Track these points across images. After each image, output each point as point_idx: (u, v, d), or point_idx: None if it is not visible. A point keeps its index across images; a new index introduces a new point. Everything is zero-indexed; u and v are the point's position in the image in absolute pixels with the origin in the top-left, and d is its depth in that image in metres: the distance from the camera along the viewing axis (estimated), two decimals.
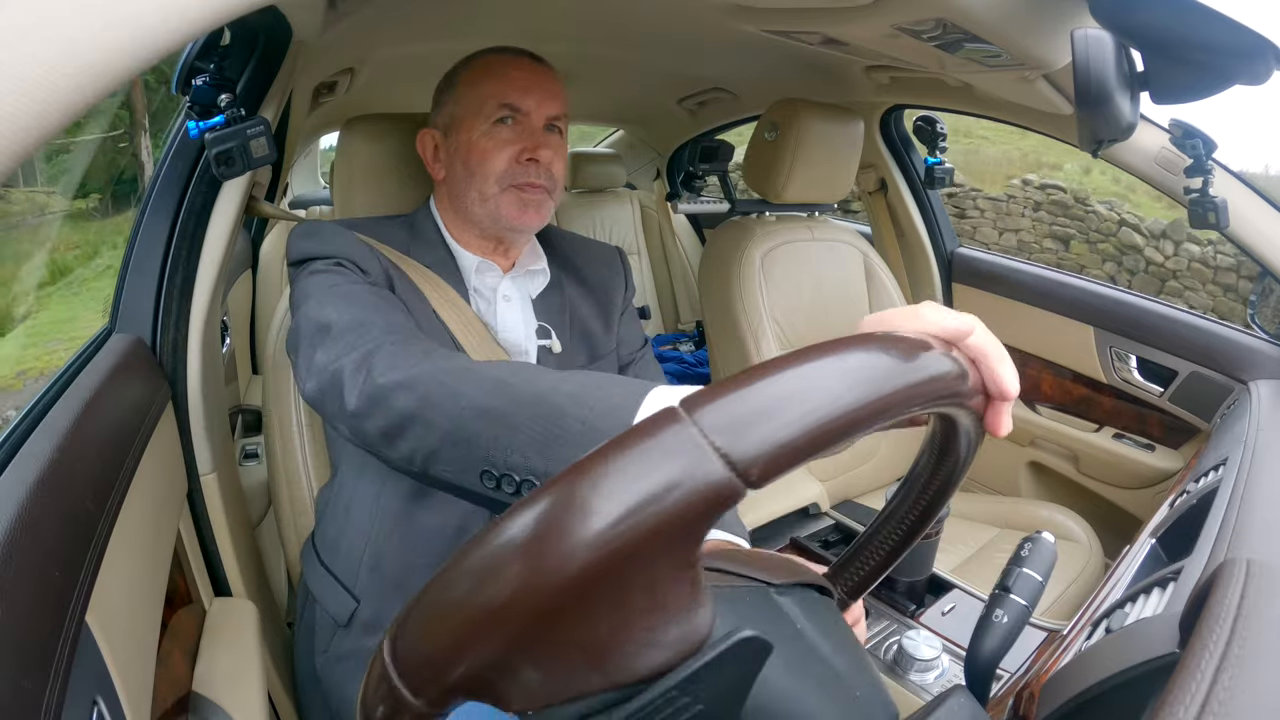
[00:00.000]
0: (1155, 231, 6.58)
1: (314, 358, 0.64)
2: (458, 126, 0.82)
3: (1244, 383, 1.25)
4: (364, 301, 0.69)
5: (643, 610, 0.26)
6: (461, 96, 0.82)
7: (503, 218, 0.82)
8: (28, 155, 0.26)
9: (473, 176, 0.81)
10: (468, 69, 0.84)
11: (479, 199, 0.82)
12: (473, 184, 0.81)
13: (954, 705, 0.36)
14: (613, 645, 0.26)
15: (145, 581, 0.63)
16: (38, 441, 0.53)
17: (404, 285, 0.79)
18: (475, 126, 0.80)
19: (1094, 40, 0.75)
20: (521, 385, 0.50)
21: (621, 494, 0.23)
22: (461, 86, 0.83)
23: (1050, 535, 0.48)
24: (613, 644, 0.26)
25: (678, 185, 2.42)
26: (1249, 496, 0.73)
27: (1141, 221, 6.63)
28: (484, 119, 0.80)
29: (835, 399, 0.26)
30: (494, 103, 0.80)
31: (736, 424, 0.24)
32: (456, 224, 0.87)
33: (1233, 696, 0.35)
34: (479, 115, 0.80)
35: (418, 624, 0.26)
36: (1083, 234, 6.88)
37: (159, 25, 0.29)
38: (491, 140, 0.80)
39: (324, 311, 0.67)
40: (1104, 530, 1.40)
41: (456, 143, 0.82)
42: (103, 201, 3.31)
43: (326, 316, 0.66)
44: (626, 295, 0.99)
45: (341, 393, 0.58)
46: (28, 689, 0.39)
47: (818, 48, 1.17)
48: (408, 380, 0.55)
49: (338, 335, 0.64)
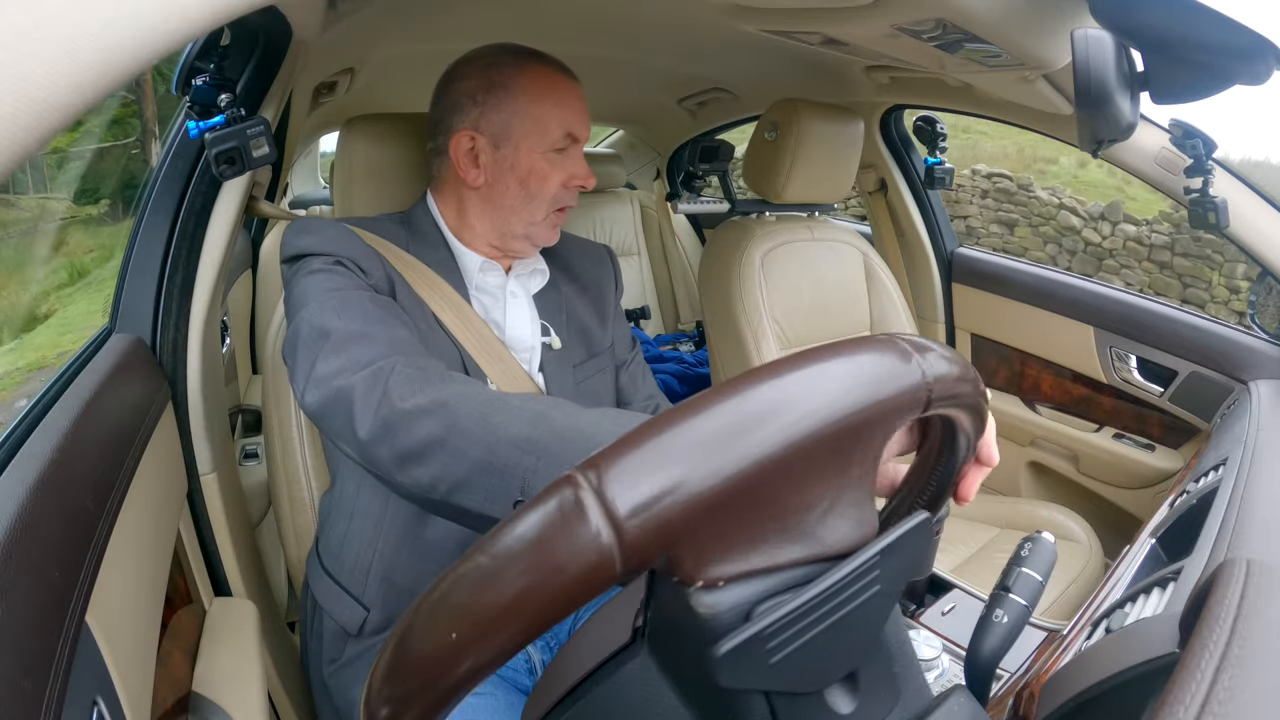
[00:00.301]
0: (1094, 214, 6.96)
1: (314, 367, 0.62)
2: (514, 141, 0.79)
3: (1244, 383, 1.25)
4: (366, 311, 0.68)
5: (849, 484, 0.30)
6: (521, 110, 0.79)
7: (538, 239, 0.84)
8: (28, 155, 0.26)
9: (531, 200, 0.81)
10: (522, 77, 0.79)
11: (526, 220, 0.82)
12: (527, 206, 0.81)
13: (954, 705, 0.36)
14: (826, 512, 0.30)
15: (145, 581, 0.63)
16: (38, 441, 0.53)
17: (404, 288, 0.78)
18: (535, 148, 0.80)
19: (1094, 40, 0.75)
20: (562, 419, 0.50)
21: (851, 390, 0.29)
22: (521, 99, 0.79)
23: (1050, 535, 0.48)
24: (827, 510, 0.30)
25: (678, 185, 2.42)
26: (1249, 496, 0.73)
27: (1081, 205, 7.02)
28: (547, 143, 0.80)
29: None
30: (560, 131, 0.80)
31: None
32: (467, 227, 0.84)
33: (1233, 696, 0.35)
34: (542, 137, 0.79)
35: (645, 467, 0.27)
36: (1026, 219, 7.31)
37: (159, 25, 0.29)
38: (550, 165, 0.80)
39: (324, 317, 0.66)
40: (1104, 530, 1.40)
41: (511, 158, 0.80)
42: (114, 207, 3.35)
43: (327, 323, 0.65)
44: (617, 294, 0.99)
45: (351, 413, 0.57)
46: (28, 689, 0.39)
47: (818, 48, 1.17)
48: (432, 406, 0.54)
49: (339, 345, 0.63)
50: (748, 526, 0.28)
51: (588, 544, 0.25)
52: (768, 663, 0.29)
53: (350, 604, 0.81)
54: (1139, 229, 6.70)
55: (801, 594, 0.29)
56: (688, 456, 0.27)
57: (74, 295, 3.00)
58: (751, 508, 0.28)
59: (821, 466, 0.29)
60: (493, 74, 0.80)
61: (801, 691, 0.31)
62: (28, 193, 3.24)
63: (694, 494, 0.26)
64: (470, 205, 0.83)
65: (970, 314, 1.76)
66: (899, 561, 0.32)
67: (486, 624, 0.26)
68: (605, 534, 0.25)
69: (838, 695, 0.32)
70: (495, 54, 0.82)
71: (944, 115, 1.64)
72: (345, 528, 0.83)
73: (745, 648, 0.28)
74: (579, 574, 0.25)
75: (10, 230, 3.08)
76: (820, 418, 0.28)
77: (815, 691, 0.31)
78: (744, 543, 0.29)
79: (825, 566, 0.30)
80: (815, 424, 0.28)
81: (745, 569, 0.29)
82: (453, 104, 0.81)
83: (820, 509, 0.30)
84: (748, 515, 0.28)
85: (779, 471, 0.27)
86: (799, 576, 0.30)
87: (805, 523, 0.30)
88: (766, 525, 0.29)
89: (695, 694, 0.32)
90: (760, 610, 0.29)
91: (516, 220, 0.82)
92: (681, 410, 0.28)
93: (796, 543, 0.30)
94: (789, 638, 0.29)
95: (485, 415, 0.52)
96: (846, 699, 0.32)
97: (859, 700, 0.33)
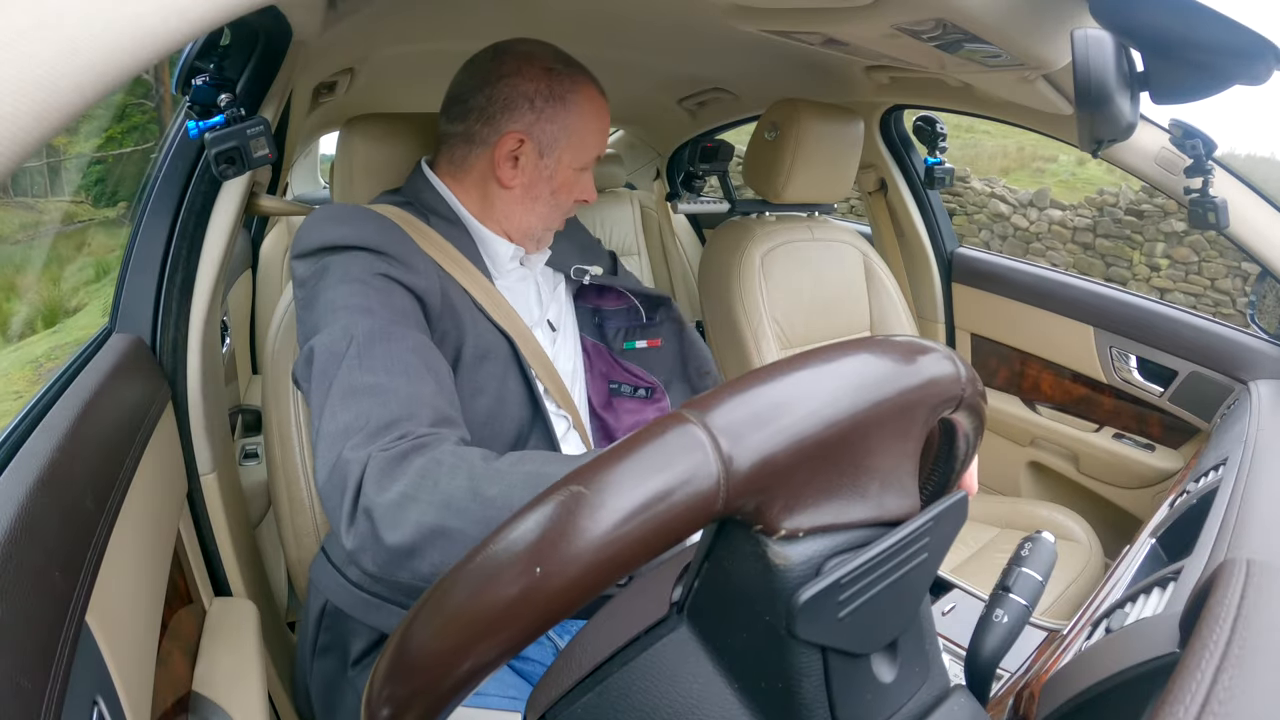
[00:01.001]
0: (1023, 201, 7.60)
1: (323, 417, 0.58)
2: (558, 154, 0.81)
3: (1244, 383, 1.25)
4: (390, 356, 0.62)
5: (906, 456, 0.34)
6: (570, 126, 0.80)
7: (545, 242, 0.87)
8: (28, 155, 0.26)
9: (556, 208, 0.84)
10: (578, 94, 0.80)
11: (545, 225, 0.85)
12: (553, 212, 0.84)
13: (954, 705, 0.36)
14: (887, 478, 0.33)
15: (145, 581, 0.63)
16: (38, 441, 0.53)
17: (449, 280, 0.76)
18: (571, 163, 0.82)
19: (1094, 40, 0.75)
20: (559, 471, 0.49)
21: (919, 371, 0.34)
22: (574, 116, 0.80)
23: (1050, 535, 0.48)
24: (888, 477, 0.33)
25: (678, 185, 2.41)
26: (1249, 496, 0.73)
27: (1011, 193, 7.69)
28: (580, 161, 0.83)
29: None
30: (594, 153, 0.83)
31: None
32: (494, 217, 0.83)
33: (1233, 696, 0.35)
34: (581, 155, 0.82)
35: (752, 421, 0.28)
36: (961, 208, 7.92)
37: (159, 25, 0.29)
38: (575, 180, 0.84)
39: (342, 356, 0.61)
40: (1104, 530, 1.40)
41: (551, 168, 0.81)
42: (130, 209, 3.43)
43: (343, 365, 0.60)
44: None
45: (335, 506, 0.54)
46: (28, 689, 0.39)
47: (818, 48, 1.17)
48: (415, 491, 0.51)
49: (349, 397, 0.59)
50: (830, 480, 0.31)
51: (696, 475, 0.26)
52: (837, 616, 0.30)
53: (394, 611, 0.76)
54: (1064, 213, 7.32)
55: (867, 550, 0.31)
56: (791, 401, 0.29)
57: (100, 290, 3.21)
58: (837, 461, 0.30)
59: (890, 434, 0.32)
60: (554, 83, 0.79)
61: (857, 652, 0.32)
62: (47, 196, 3.38)
63: (797, 436, 0.28)
64: (497, 199, 0.82)
65: (970, 314, 1.76)
66: (943, 532, 0.35)
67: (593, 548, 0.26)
68: (715, 468, 0.26)
69: (881, 663, 0.34)
70: (553, 59, 0.80)
71: (944, 115, 1.64)
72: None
73: (822, 597, 0.29)
74: (685, 504, 0.26)
75: (40, 231, 3.25)
76: (897, 386, 0.32)
77: (866, 655, 0.33)
78: (823, 497, 0.31)
79: (881, 531, 0.33)
80: (893, 391, 0.32)
81: (821, 523, 0.31)
82: (507, 101, 0.78)
83: (883, 475, 0.33)
84: (832, 469, 0.30)
85: (863, 429, 0.30)
86: (860, 538, 0.32)
87: (871, 487, 0.32)
88: (843, 482, 0.31)
89: (741, 663, 0.32)
90: (830, 565, 0.31)
91: (539, 223, 0.84)
92: (782, 364, 0.31)
93: (863, 503, 0.32)
94: (856, 593, 0.31)
95: (477, 489, 0.50)
96: (889, 667, 0.35)
97: (899, 670, 0.35)
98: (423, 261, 0.73)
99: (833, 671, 0.31)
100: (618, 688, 0.34)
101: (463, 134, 0.81)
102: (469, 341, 0.75)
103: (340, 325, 0.63)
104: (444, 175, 0.84)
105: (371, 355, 0.61)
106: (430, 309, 0.72)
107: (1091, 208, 7.07)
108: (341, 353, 0.61)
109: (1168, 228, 6.50)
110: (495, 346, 0.77)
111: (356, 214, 0.73)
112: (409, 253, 0.72)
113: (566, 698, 0.35)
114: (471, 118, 0.79)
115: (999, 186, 7.76)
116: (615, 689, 0.34)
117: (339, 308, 0.65)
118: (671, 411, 0.28)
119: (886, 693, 0.34)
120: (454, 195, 0.83)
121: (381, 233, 0.71)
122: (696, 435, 0.27)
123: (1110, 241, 6.92)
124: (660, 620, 0.35)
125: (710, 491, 0.26)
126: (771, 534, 0.30)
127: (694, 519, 0.26)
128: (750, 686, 0.32)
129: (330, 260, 0.69)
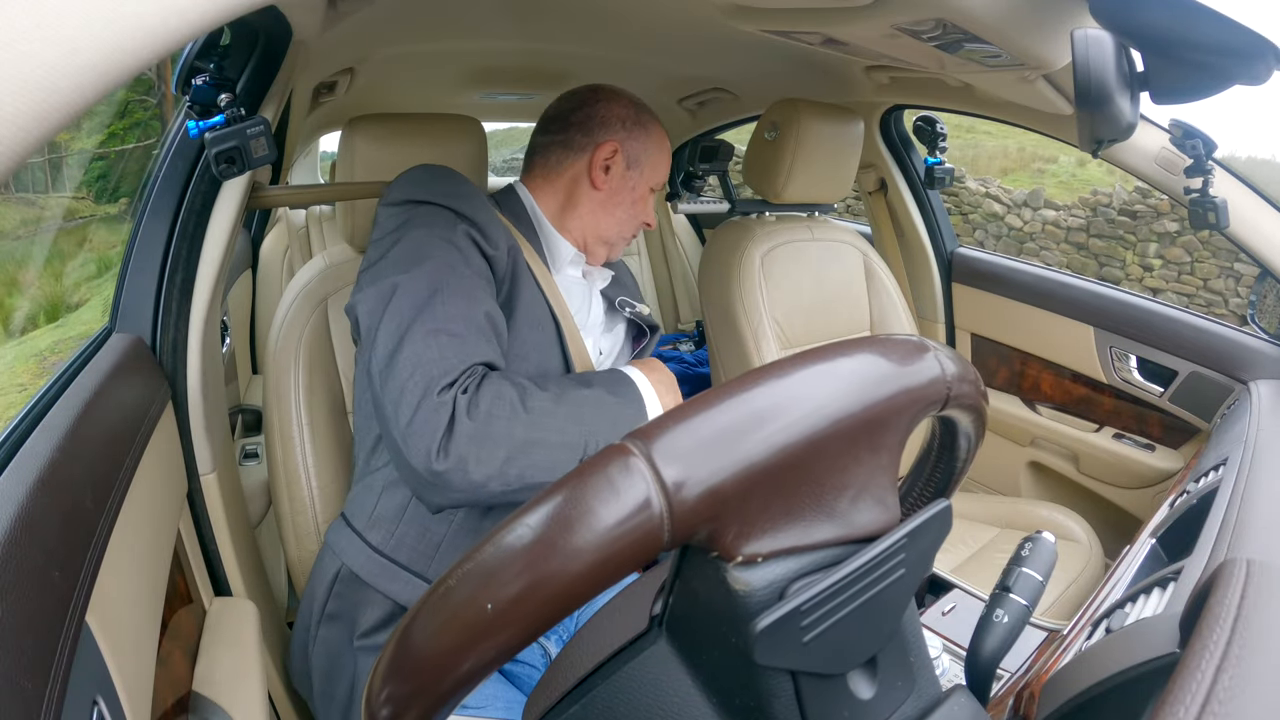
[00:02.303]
0: (1017, 201, 7.61)
1: (420, 354, 0.66)
2: (641, 169, 0.92)
3: (1244, 383, 1.25)
4: (469, 315, 0.70)
5: (879, 469, 0.32)
6: (650, 148, 0.93)
7: (615, 252, 0.95)
8: (28, 155, 0.26)
9: (631, 219, 0.93)
10: (656, 129, 0.93)
11: (618, 233, 0.93)
12: (628, 222, 0.93)
13: (954, 705, 0.36)
14: (859, 493, 0.31)
15: (145, 581, 0.63)
16: (38, 441, 0.53)
17: (521, 260, 0.82)
18: (647, 182, 0.93)
19: (1094, 40, 0.75)
20: (593, 397, 0.70)
21: (889, 379, 0.32)
22: (652, 143, 0.93)
23: (1050, 535, 0.48)
24: (860, 492, 0.31)
25: (678, 185, 2.41)
26: (1249, 496, 0.73)
27: (1006, 193, 7.70)
28: (652, 183, 0.94)
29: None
30: (661, 180, 0.95)
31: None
32: (569, 220, 0.91)
33: (1233, 696, 0.35)
34: (654, 177, 0.94)
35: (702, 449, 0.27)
36: (957, 208, 7.93)
37: (159, 25, 0.29)
38: (645, 200, 0.94)
39: (427, 296, 0.69)
40: (1104, 530, 1.40)
41: (635, 180, 0.92)
42: (131, 205, 3.46)
43: (428, 303, 0.68)
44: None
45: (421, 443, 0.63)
46: (28, 689, 0.39)
47: (818, 48, 1.17)
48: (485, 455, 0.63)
49: (430, 335, 0.67)
50: (789, 503, 0.29)
51: (639, 510, 0.26)
52: (801, 640, 0.29)
53: (406, 576, 0.80)
54: (1057, 213, 7.33)
55: (835, 572, 0.30)
56: (739, 427, 0.27)
57: (101, 286, 3.22)
58: (794, 484, 0.29)
59: (858, 449, 0.30)
60: (640, 114, 0.93)
61: (828, 673, 0.31)
62: (48, 192, 3.40)
63: (744, 464, 0.27)
64: (582, 200, 0.91)
65: (970, 314, 1.76)
66: (922, 545, 0.33)
67: (524, 596, 0.26)
68: (656, 502, 0.26)
69: (859, 680, 0.33)
70: (634, 100, 0.94)
71: (944, 115, 1.64)
72: (399, 511, 0.82)
73: (782, 624, 0.28)
74: (629, 538, 0.26)
75: (42, 227, 3.30)
76: (862, 401, 0.30)
77: (840, 675, 0.32)
78: (782, 520, 0.29)
79: (853, 549, 0.31)
80: (856, 405, 0.30)
81: (782, 546, 0.30)
82: (603, 119, 0.91)
83: (853, 491, 0.31)
84: (789, 492, 0.29)
85: (822, 449, 0.29)
86: (830, 557, 0.31)
87: (839, 504, 0.31)
88: (804, 503, 0.30)
89: (715, 680, 0.32)
90: (794, 589, 0.30)
91: (613, 230, 0.92)
92: (731, 385, 0.29)
93: (830, 522, 0.31)
94: (821, 616, 0.30)
95: (551, 406, 0.66)
96: (867, 684, 0.33)
97: (878, 686, 0.33)
98: (500, 231, 0.80)
99: (805, 691, 0.31)
100: (603, 700, 0.34)
101: (561, 142, 0.91)
102: (524, 308, 0.81)
103: (425, 272, 0.70)
104: (529, 186, 0.93)
105: (455, 305, 0.69)
106: (498, 272, 0.79)
107: (1085, 208, 7.10)
108: (425, 297, 0.69)
109: (1161, 228, 6.53)
110: (544, 321, 0.83)
111: (449, 176, 0.81)
112: (489, 221, 0.79)
113: (555, 709, 0.35)
114: (571, 130, 0.91)
115: (994, 186, 7.80)
116: (600, 701, 0.34)
117: (425, 257, 0.72)
118: (616, 443, 0.28)
119: (866, 709, 0.33)
120: (533, 198, 0.92)
121: (469, 198, 0.79)
122: (638, 468, 0.26)
123: (1104, 241, 6.95)
124: (642, 634, 0.34)
125: (654, 525, 0.26)
126: (729, 560, 0.29)
127: (638, 554, 0.26)
128: (726, 703, 0.32)
129: (416, 212, 0.76)
